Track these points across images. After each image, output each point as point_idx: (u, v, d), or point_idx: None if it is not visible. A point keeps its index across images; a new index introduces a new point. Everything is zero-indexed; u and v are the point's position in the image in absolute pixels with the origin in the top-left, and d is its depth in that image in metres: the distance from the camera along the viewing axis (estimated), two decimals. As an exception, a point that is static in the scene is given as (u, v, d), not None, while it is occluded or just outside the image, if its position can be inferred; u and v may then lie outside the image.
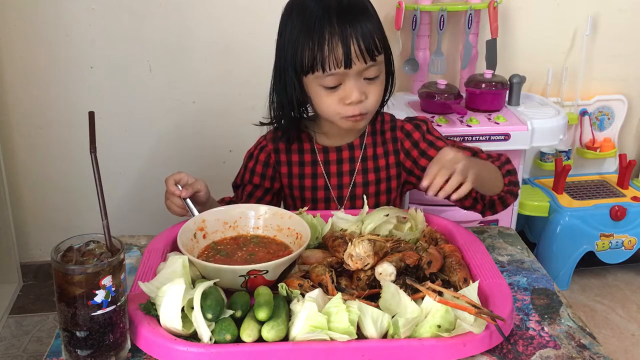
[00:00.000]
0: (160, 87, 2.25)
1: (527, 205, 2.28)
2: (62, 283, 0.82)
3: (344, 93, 1.20)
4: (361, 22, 1.17)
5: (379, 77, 1.22)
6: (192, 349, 0.85)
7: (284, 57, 1.22)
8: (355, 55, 1.16)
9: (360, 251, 0.96)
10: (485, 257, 1.06)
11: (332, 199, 1.34)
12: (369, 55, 1.17)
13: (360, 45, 1.16)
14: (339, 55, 1.15)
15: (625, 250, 2.29)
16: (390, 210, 1.14)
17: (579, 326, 0.96)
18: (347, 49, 1.15)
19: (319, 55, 1.16)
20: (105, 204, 0.86)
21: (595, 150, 2.47)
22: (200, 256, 1.05)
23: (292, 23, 1.20)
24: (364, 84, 1.20)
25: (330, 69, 1.17)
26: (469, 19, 2.18)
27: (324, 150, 1.34)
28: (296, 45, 1.18)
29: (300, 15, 1.19)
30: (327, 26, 1.15)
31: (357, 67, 1.17)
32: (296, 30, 1.18)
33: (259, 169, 1.35)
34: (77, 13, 2.13)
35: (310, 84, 1.22)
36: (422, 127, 1.34)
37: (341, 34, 1.15)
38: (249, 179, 1.36)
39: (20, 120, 2.24)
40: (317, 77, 1.19)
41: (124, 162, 2.32)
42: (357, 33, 1.16)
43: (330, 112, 1.23)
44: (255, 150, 1.37)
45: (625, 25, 2.39)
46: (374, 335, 0.87)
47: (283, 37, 1.22)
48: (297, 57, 1.19)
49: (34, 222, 2.39)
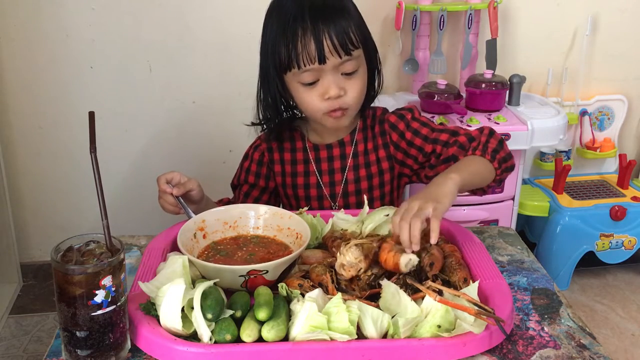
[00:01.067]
0: (160, 87, 2.25)
1: (527, 205, 2.28)
2: (62, 283, 0.82)
3: (322, 89, 1.22)
4: (335, 18, 1.18)
5: (358, 72, 1.23)
6: (192, 349, 0.85)
7: (266, 56, 1.25)
8: (329, 50, 1.17)
9: (350, 258, 0.95)
10: (485, 257, 1.06)
11: (324, 197, 1.35)
12: (343, 50, 1.18)
13: (333, 40, 1.17)
14: (311, 51, 1.17)
15: (625, 250, 2.29)
16: (390, 210, 1.14)
17: (579, 326, 0.96)
18: (320, 44, 1.17)
19: (294, 52, 1.18)
20: (105, 204, 0.87)
21: (595, 150, 2.47)
22: (200, 256, 1.05)
23: (271, 23, 1.23)
24: (341, 79, 1.22)
25: (304, 65, 1.18)
26: (469, 19, 2.18)
27: (315, 148, 1.35)
28: (274, 44, 1.21)
29: (277, 15, 1.22)
30: (300, 23, 1.18)
31: (331, 62, 1.18)
32: (274, 29, 1.21)
33: (253, 168, 1.37)
34: (77, 13, 2.14)
35: (290, 82, 1.24)
36: (406, 116, 1.34)
37: (314, 30, 1.17)
38: (245, 178, 1.38)
39: (20, 120, 2.24)
40: (294, 74, 1.21)
41: (124, 162, 2.32)
42: (329, 29, 1.17)
43: (312, 110, 1.25)
44: (250, 149, 1.40)
45: (625, 25, 2.39)
46: (374, 335, 0.87)
47: (264, 37, 1.25)
48: (275, 56, 1.21)
49: (34, 222, 2.39)
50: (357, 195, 1.34)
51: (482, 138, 1.25)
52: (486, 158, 1.21)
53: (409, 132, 1.31)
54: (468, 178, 1.13)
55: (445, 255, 1.03)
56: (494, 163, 1.21)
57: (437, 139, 1.27)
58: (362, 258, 0.96)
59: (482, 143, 1.24)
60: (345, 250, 0.96)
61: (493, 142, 1.24)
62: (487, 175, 1.22)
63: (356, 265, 0.96)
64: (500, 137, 1.27)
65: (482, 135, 1.26)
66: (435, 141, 1.27)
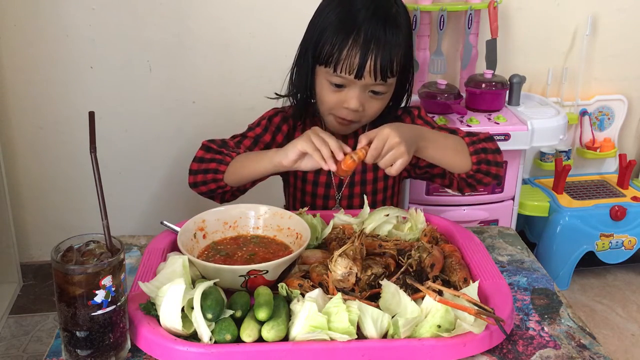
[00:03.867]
0: (160, 87, 2.25)
1: (527, 205, 2.28)
2: (62, 283, 0.82)
3: (345, 97, 1.22)
4: (388, 40, 1.17)
5: (385, 95, 1.23)
6: (192, 349, 0.85)
7: (311, 37, 1.23)
8: (368, 71, 1.17)
9: (341, 270, 0.94)
10: (485, 257, 1.06)
11: (330, 197, 1.35)
12: (381, 75, 1.18)
13: (376, 63, 1.17)
14: (353, 64, 1.17)
15: (625, 250, 2.29)
16: (390, 210, 1.14)
17: (579, 326, 0.96)
18: (363, 62, 1.16)
19: (337, 55, 1.18)
20: (105, 204, 0.86)
21: (595, 150, 2.47)
22: (200, 256, 1.05)
23: (331, 10, 1.21)
24: (366, 96, 1.22)
25: (341, 72, 1.18)
26: (469, 19, 2.18)
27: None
28: (322, 34, 1.20)
29: (340, 6, 1.20)
30: (356, 31, 1.16)
31: (366, 80, 1.18)
32: (329, 19, 1.20)
33: (267, 126, 1.34)
34: (77, 13, 2.13)
35: (319, 73, 1.24)
36: (413, 112, 1.35)
37: (363, 47, 1.16)
38: (254, 130, 1.34)
39: (20, 120, 2.24)
40: (327, 71, 1.21)
41: (124, 162, 2.32)
42: (378, 50, 1.16)
43: (326, 107, 1.25)
44: (272, 113, 1.36)
45: (625, 25, 2.39)
46: (374, 335, 0.87)
47: (318, 17, 1.23)
48: (318, 45, 1.21)
49: (34, 222, 2.39)
50: (360, 197, 1.34)
51: (481, 135, 1.25)
52: (469, 149, 1.21)
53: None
54: (440, 152, 1.17)
55: (445, 256, 1.03)
56: (472, 157, 1.21)
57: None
58: (351, 264, 0.94)
59: (476, 137, 1.24)
60: (333, 265, 0.94)
61: (486, 144, 1.23)
62: (460, 160, 1.21)
63: (351, 273, 0.94)
64: (497, 146, 1.26)
65: (482, 135, 1.26)
66: None
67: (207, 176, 1.23)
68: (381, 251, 1.03)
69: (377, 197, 1.37)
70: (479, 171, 1.22)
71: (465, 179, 1.24)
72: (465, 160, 1.21)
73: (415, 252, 0.99)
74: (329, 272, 0.95)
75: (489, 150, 1.22)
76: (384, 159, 1.08)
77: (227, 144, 1.28)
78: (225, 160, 1.22)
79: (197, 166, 1.24)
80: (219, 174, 1.22)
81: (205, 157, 1.24)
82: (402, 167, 1.08)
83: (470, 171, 1.22)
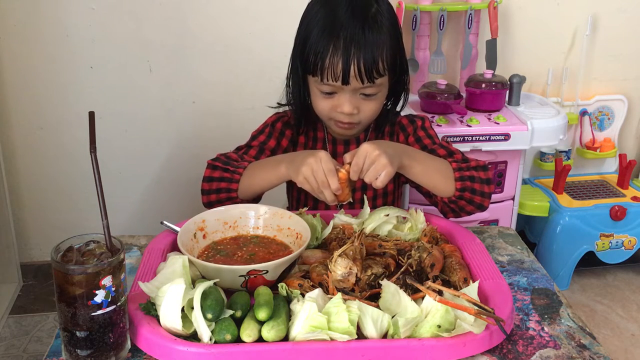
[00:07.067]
0: (160, 87, 2.25)
1: (527, 205, 2.28)
2: (62, 283, 0.82)
3: (337, 102, 1.22)
4: (370, 42, 1.16)
5: (377, 95, 1.23)
6: (192, 349, 0.85)
7: (296, 49, 1.24)
8: (353, 75, 1.17)
9: (341, 271, 0.94)
10: (485, 257, 1.06)
11: None
12: (367, 77, 1.17)
13: (360, 67, 1.16)
14: (337, 71, 1.17)
15: (625, 250, 2.29)
16: (390, 210, 1.15)
17: (579, 326, 0.96)
18: (347, 67, 1.16)
19: (320, 63, 1.18)
20: (105, 204, 0.86)
21: (595, 150, 2.47)
22: (200, 256, 1.05)
23: (311, 18, 1.21)
24: (358, 99, 1.22)
25: (327, 80, 1.18)
26: (469, 19, 2.18)
27: (333, 142, 1.36)
28: (305, 44, 1.20)
29: (320, 13, 1.20)
30: (335, 37, 1.16)
31: (353, 85, 1.18)
32: (310, 28, 1.20)
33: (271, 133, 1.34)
34: (77, 13, 2.13)
35: (310, 82, 1.25)
36: (417, 122, 1.34)
37: (345, 51, 1.15)
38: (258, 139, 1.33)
39: (20, 120, 2.24)
40: (316, 80, 1.21)
41: (124, 162, 2.32)
42: (360, 54, 1.15)
43: (324, 115, 1.26)
44: (274, 119, 1.36)
45: (625, 25, 2.39)
46: (374, 335, 0.87)
47: (301, 29, 1.23)
48: (303, 55, 1.21)
49: (34, 222, 2.39)
50: (361, 203, 1.34)
51: (472, 163, 1.20)
52: (455, 174, 1.17)
53: (412, 137, 1.32)
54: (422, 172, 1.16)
55: (445, 256, 1.03)
56: (457, 183, 1.16)
57: (434, 151, 1.26)
58: (351, 264, 0.94)
59: (467, 163, 1.19)
60: (333, 265, 0.95)
61: (478, 172, 1.18)
62: (442, 184, 1.17)
63: (351, 273, 0.95)
64: (490, 175, 1.21)
65: (476, 162, 1.21)
66: (432, 152, 1.26)
67: (220, 195, 1.22)
68: (381, 251, 1.03)
69: (377, 203, 1.37)
70: (461, 198, 1.17)
71: (447, 204, 1.19)
72: (449, 184, 1.17)
73: (415, 252, 0.99)
74: (329, 272, 0.95)
75: (476, 179, 1.17)
76: (367, 174, 1.08)
77: (231, 158, 1.27)
78: (234, 178, 1.21)
79: (208, 186, 1.23)
80: (232, 192, 1.21)
81: (213, 175, 1.23)
82: (387, 179, 1.07)
83: (453, 197, 1.17)
